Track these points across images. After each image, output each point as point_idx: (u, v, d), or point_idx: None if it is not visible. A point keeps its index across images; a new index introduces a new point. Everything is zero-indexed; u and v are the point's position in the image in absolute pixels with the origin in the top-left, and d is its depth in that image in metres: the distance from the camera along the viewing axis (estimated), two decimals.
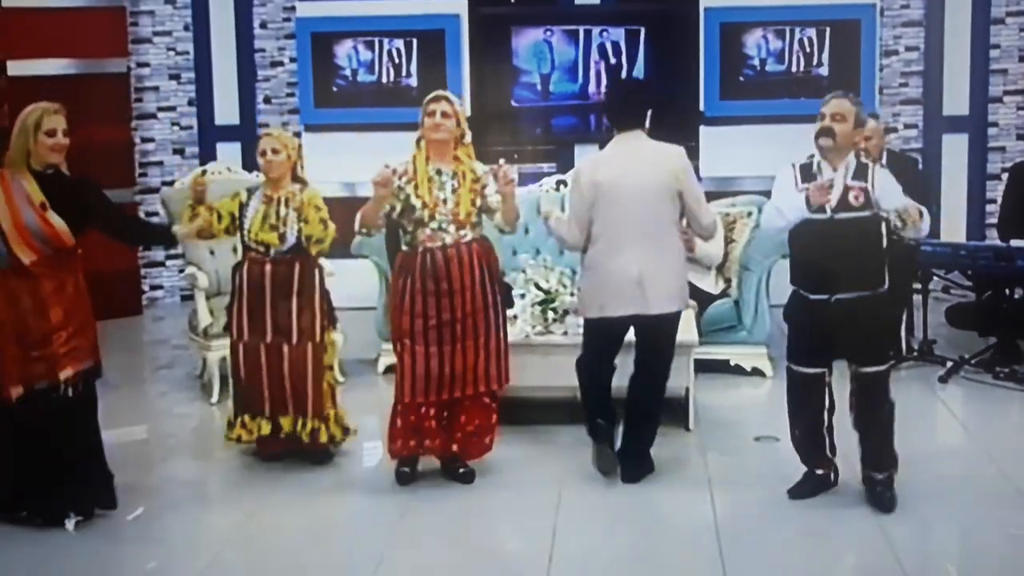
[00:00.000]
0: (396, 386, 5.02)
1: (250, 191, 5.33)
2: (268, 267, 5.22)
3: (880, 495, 4.69)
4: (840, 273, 4.55)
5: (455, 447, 5.11)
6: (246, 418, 5.31)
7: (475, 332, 4.99)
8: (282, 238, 5.19)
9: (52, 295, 4.53)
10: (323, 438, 5.28)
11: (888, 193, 4.57)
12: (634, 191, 4.89)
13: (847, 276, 4.56)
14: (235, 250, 6.71)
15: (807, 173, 4.63)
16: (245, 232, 5.26)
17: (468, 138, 5.06)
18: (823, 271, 4.58)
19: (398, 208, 4.97)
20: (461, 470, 5.14)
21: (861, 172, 4.59)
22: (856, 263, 4.56)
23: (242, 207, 5.27)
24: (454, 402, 5.05)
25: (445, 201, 4.94)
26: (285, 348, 5.22)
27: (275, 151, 5.20)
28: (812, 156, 4.67)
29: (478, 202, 5.00)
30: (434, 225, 4.94)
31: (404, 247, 5.05)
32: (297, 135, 7.01)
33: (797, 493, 4.80)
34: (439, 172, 4.97)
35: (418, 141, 5.03)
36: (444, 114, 4.95)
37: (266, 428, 5.28)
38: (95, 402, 4.75)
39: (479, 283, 4.99)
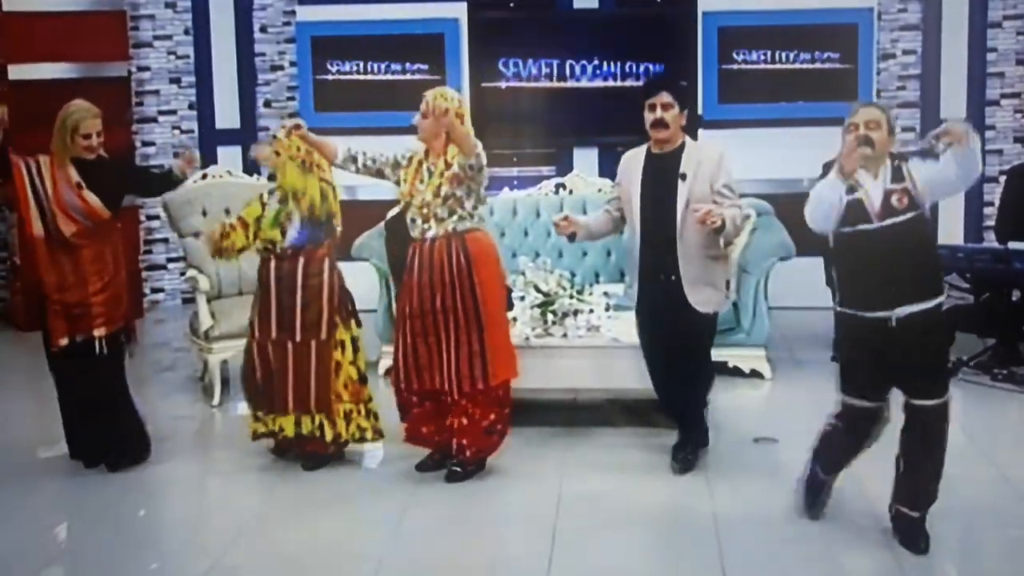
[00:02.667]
0: None
1: (271, 191, 5.33)
2: (273, 264, 5.25)
3: (914, 535, 4.39)
4: (898, 284, 4.22)
5: (452, 440, 5.12)
6: (259, 414, 5.34)
7: (445, 330, 5.00)
8: (283, 232, 5.20)
9: (91, 263, 5.15)
10: (328, 436, 5.24)
11: (930, 175, 4.28)
12: None
13: (906, 286, 4.23)
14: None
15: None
16: (260, 231, 5.30)
17: (462, 127, 4.96)
18: (879, 284, 4.23)
19: (393, 179, 5.13)
20: (451, 467, 5.15)
21: (898, 174, 4.34)
22: (913, 270, 4.27)
23: (263, 208, 5.31)
24: (438, 394, 5.09)
25: (418, 194, 5.03)
26: (289, 345, 5.21)
27: (277, 154, 5.23)
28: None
29: (446, 190, 4.93)
30: (410, 215, 5.06)
31: None
32: None
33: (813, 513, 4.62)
34: (420, 164, 5.05)
35: None
36: (422, 114, 5.02)
37: (277, 424, 5.30)
38: (122, 359, 5.35)
39: (448, 283, 4.97)
